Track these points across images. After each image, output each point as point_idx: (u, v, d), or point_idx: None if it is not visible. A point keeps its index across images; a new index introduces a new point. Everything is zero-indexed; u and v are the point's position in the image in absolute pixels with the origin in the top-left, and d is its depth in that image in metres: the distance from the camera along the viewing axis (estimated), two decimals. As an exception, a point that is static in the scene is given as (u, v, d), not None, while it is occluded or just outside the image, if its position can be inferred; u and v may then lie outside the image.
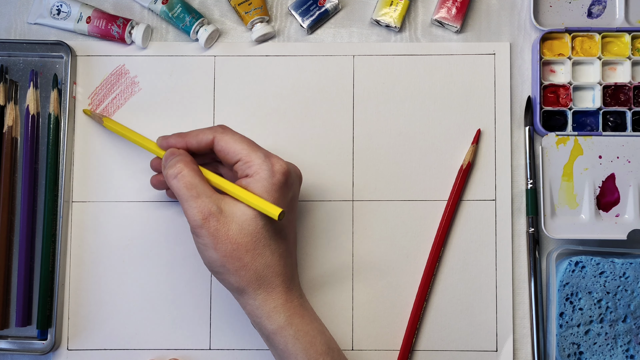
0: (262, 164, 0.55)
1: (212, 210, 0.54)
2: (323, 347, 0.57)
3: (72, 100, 0.68)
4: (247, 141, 0.57)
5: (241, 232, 0.54)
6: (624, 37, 0.68)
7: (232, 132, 0.58)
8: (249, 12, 0.67)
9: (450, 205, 0.66)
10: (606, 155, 0.66)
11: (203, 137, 0.58)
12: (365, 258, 0.67)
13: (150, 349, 0.66)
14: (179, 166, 0.56)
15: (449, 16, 0.68)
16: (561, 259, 0.65)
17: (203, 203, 0.54)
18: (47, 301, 0.65)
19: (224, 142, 0.57)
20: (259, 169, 0.55)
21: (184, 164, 0.56)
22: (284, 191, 0.56)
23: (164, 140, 0.60)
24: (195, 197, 0.54)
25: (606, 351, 0.64)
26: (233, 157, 0.57)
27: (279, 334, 0.56)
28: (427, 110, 0.68)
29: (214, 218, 0.54)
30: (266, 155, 0.56)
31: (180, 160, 0.56)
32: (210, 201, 0.54)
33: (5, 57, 0.69)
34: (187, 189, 0.55)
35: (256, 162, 0.56)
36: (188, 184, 0.55)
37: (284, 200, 0.56)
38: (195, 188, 0.55)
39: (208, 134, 0.58)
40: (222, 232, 0.54)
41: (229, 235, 0.54)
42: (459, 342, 0.66)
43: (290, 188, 0.57)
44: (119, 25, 0.67)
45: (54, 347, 0.66)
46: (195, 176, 0.56)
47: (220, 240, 0.54)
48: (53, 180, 0.66)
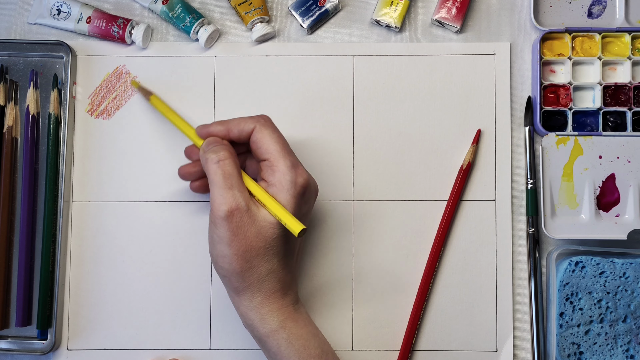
0: (286, 174, 0.55)
1: (240, 205, 0.54)
2: (316, 350, 0.57)
3: (72, 100, 0.68)
4: (281, 143, 0.57)
5: (258, 236, 0.54)
6: (624, 37, 0.68)
7: (272, 127, 0.58)
8: (249, 12, 0.67)
9: (450, 205, 0.66)
10: (606, 155, 0.66)
11: (245, 125, 0.58)
12: (365, 258, 0.67)
13: (150, 349, 0.66)
14: (223, 153, 0.56)
15: (449, 16, 0.68)
16: (561, 259, 0.65)
17: (234, 196, 0.54)
18: (47, 301, 0.65)
19: (261, 136, 0.57)
20: (282, 178, 0.55)
21: (229, 154, 0.56)
22: (300, 204, 0.56)
23: (204, 128, 0.60)
24: (229, 187, 0.54)
25: (606, 351, 0.64)
26: (263, 153, 0.56)
27: (272, 337, 0.56)
28: (427, 110, 0.68)
29: (239, 214, 0.54)
30: (293, 165, 0.56)
31: (225, 149, 0.56)
32: (241, 196, 0.54)
33: (5, 57, 0.69)
34: (224, 177, 0.55)
35: (281, 169, 0.55)
36: (226, 173, 0.55)
37: (298, 212, 0.56)
38: (231, 179, 0.55)
39: (250, 123, 0.57)
40: (242, 230, 0.54)
41: (247, 235, 0.54)
42: (459, 342, 0.66)
43: (306, 202, 0.57)
44: (119, 25, 0.67)
45: (54, 347, 0.66)
46: (235, 168, 0.56)
47: (238, 237, 0.54)
48: (53, 180, 0.66)
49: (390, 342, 0.66)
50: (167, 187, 0.67)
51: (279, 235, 0.55)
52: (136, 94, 0.68)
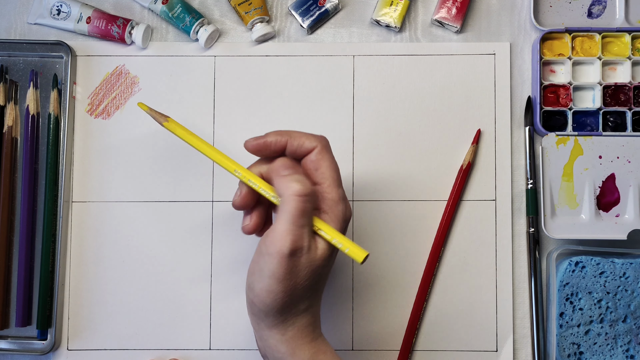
0: (339, 204, 0.53)
1: (305, 244, 0.51)
2: None
3: (72, 100, 0.68)
4: (338, 172, 0.54)
5: (308, 275, 0.52)
6: (624, 37, 0.68)
7: (330, 153, 0.55)
8: (249, 12, 0.67)
9: (450, 205, 0.66)
10: (606, 155, 0.66)
11: (307, 142, 0.54)
12: (365, 258, 0.67)
13: (150, 349, 0.66)
14: (308, 187, 0.51)
15: (449, 16, 0.68)
16: (561, 259, 0.65)
17: (301, 235, 0.51)
18: (47, 301, 0.65)
19: (321, 158, 0.54)
20: (335, 207, 0.53)
21: (311, 189, 0.51)
22: None
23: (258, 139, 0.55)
24: (301, 225, 0.51)
25: (606, 351, 0.64)
26: (319, 177, 0.54)
27: None
28: (427, 110, 0.68)
29: (301, 253, 0.51)
30: (344, 197, 0.54)
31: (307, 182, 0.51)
32: (307, 236, 0.51)
33: (5, 57, 0.69)
34: (301, 215, 0.50)
35: (335, 199, 0.53)
36: (305, 210, 0.51)
37: None
38: (306, 217, 0.51)
39: (312, 141, 0.54)
40: (297, 269, 0.51)
41: (300, 275, 0.51)
42: (459, 342, 0.66)
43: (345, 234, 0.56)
44: (119, 25, 0.67)
45: (53, 347, 0.66)
46: (313, 206, 0.52)
47: (291, 276, 0.51)
48: (53, 180, 0.66)
49: (390, 342, 0.66)
50: (167, 187, 0.67)
51: (325, 274, 0.54)
52: (136, 94, 0.68)
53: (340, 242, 0.52)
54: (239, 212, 0.57)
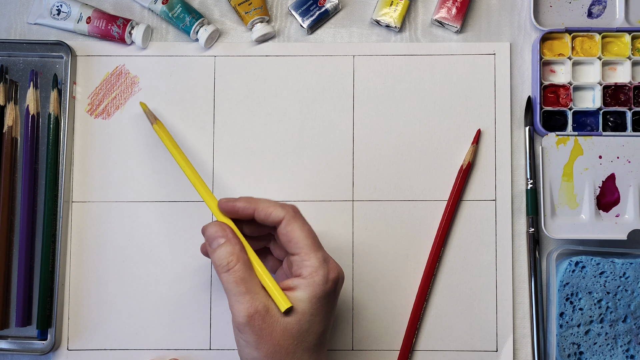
0: (319, 269, 0.53)
1: (259, 308, 0.52)
2: None
3: (72, 100, 0.68)
4: (312, 237, 0.55)
5: (284, 335, 0.52)
6: (624, 37, 0.68)
7: (301, 220, 0.55)
8: (249, 12, 0.67)
9: (450, 205, 0.66)
10: (606, 155, 0.66)
11: (274, 213, 0.55)
12: (365, 258, 0.67)
13: (150, 349, 0.66)
14: (231, 260, 0.53)
15: (449, 16, 0.68)
16: (561, 259, 0.65)
17: (251, 300, 0.52)
18: (47, 301, 0.65)
19: (291, 229, 0.54)
20: (314, 273, 0.53)
21: (236, 258, 0.53)
22: (331, 299, 0.54)
23: (229, 202, 0.57)
24: (243, 293, 0.52)
25: (606, 351, 0.64)
26: (293, 248, 0.54)
27: None
28: (427, 110, 0.68)
29: (260, 317, 0.51)
30: (324, 259, 0.54)
31: (232, 252, 0.53)
32: (258, 298, 0.52)
33: (5, 57, 0.69)
34: (237, 284, 0.52)
35: (314, 264, 0.53)
36: (238, 279, 0.52)
37: (328, 306, 0.54)
38: (244, 283, 0.52)
39: (279, 212, 0.55)
40: (267, 332, 0.52)
41: (273, 336, 0.52)
42: (459, 342, 0.66)
43: (337, 296, 0.55)
44: (119, 25, 0.67)
45: (54, 347, 0.66)
46: (246, 270, 0.53)
47: (264, 340, 0.52)
48: (53, 180, 0.66)
49: (390, 342, 0.66)
50: (167, 187, 0.67)
51: (305, 330, 0.53)
52: (136, 94, 0.68)
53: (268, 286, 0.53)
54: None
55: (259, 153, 0.68)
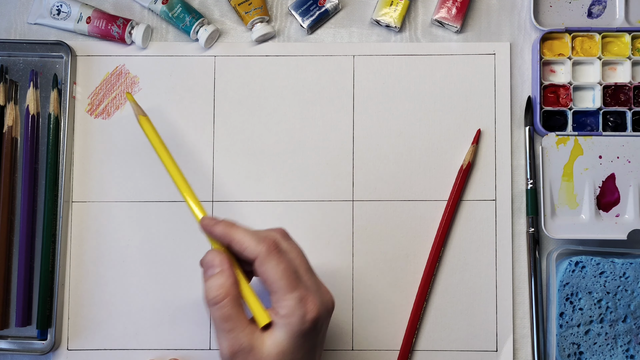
0: (295, 309, 0.52)
1: (243, 346, 0.51)
2: None
3: (72, 100, 0.68)
4: (289, 275, 0.52)
5: None
6: (624, 37, 0.68)
7: (277, 258, 0.53)
8: (249, 12, 0.67)
9: (450, 205, 0.66)
10: (606, 155, 0.66)
11: (247, 251, 0.53)
12: (365, 258, 0.67)
13: (150, 349, 0.66)
14: (220, 293, 0.52)
15: (449, 16, 0.68)
16: (561, 259, 0.65)
17: (235, 338, 0.51)
18: (47, 301, 0.65)
19: (265, 270, 0.52)
20: (290, 314, 0.52)
21: (225, 292, 0.52)
22: (311, 336, 0.53)
23: (210, 223, 0.55)
24: (228, 330, 0.52)
25: (606, 351, 0.64)
26: (269, 287, 0.53)
27: None
28: (427, 110, 0.68)
29: (243, 355, 0.51)
30: (301, 299, 0.52)
31: (223, 285, 0.53)
32: (243, 335, 0.51)
33: (5, 57, 0.69)
34: (223, 321, 0.52)
35: (290, 304, 0.52)
36: (225, 316, 0.52)
37: (310, 343, 0.53)
38: (231, 320, 0.52)
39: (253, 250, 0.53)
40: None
41: None
42: (459, 342, 0.66)
43: (318, 332, 0.54)
44: (119, 25, 0.67)
45: (53, 347, 0.66)
46: (234, 306, 0.52)
47: None
48: (53, 180, 0.66)
49: (390, 342, 0.66)
50: (167, 187, 0.67)
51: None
52: (136, 94, 0.68)
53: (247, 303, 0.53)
54: (240, 212, 0.58)
55: (259, 153, 0.68)
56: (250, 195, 0.67)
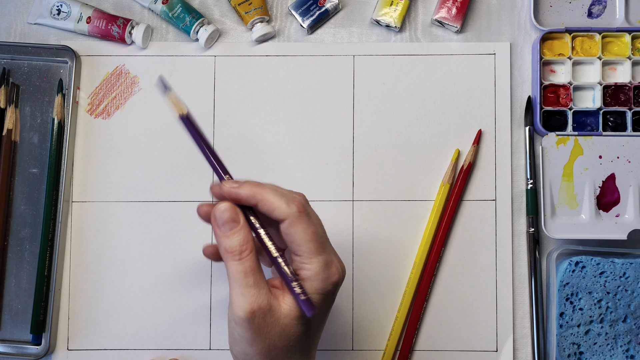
0: (320, 273, 0.51)
1: (263, 305, 0.49)
2: None
3: (75, 105, 0.68)
4: (316, 240, 0.51)
5: (281, 335, 0.51)
6: (624, 37, 0.68)
7: (306, 220, 0.51)
8: (249, 12, 0.67)
9: (450, 206, 0.66)
10: (606, 155, 0.66)
11: (276, 211, 0.51)
12: (365, 258, 0.67)
13: (150, 349, 0.66)
14: (245, 248, 0.50)
15: (449, 16, 0.68)
16: (561, 259, 0.65)
17: (256, 295, 0.49)
18: (40, 306, 0.65)
19: (294, 231, 0.51)
20: (314, 277, 0.51)
21: (250, 247, 0.50)
22: (330, 301, 0.53)
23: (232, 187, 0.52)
24: (250, 285, 0.49)
25: (606, 351, 0.64)
26: (295, 249, 0.51)
27: None
28: (427, 110, 0.68)
29: (261, 314, 0.49)
30: (326, 264, 0.51)
31: (247, 240, 0.51)
32: (264, 293, 0.50)
33: (9, 60, 0.68)
34: (245, 276, 0.50)
35: (314, 269, 0.51)
36: (248, 270, 0.50)
37: (326, 308, 0.53)
38: (253, 275, 0.50)
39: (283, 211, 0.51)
40: (265, 330, 0.50)
41: (270, 335, 0.50)
42: (459, 342, 0.66)
43: (335, 297, 0.54)
44: (119, 25, 0.67)
45: (48, 351, 0.65)
46: (256, 261, 0.50)
47: (260, 337, 0.50)
48: (53, 184, 0.66)
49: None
50: (167, 187, 0.67)
51: (302, 332, 0.52)
52: (136, 94, 0.68)
53: None
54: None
55: (259, 153, 0.68)
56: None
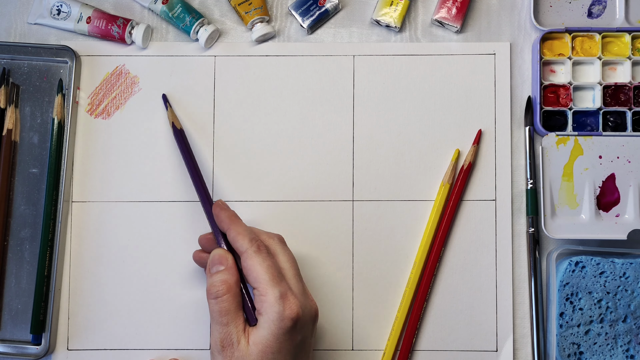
0: (274, 305, 0.54)
1: (232, 340, 0.54)
2: None
3: (75, 105, 0.68)
4: (272, 271, 0.55)
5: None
6: (624, 37, 0.68)
7: (265, 255, 0.56)
8: (249, 12, 0.67)
9: (450, 206, 0.66)
10: (606, 155, 0.66)
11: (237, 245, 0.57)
12: (365, 258, 0.67)
13: (150, 349, 0.66)
14: (222, 288, 0.55)
15: (449, 16, 0.68)
16: (561, 259, 0.65)
17: (228, 332, 0.54)
18: (40, 306, 0.65)
19: (251, 264, 0.55)
20: (269, 310, 0.54)
21: (227, 288, 0.56)
22: (291, 335, 0.54)
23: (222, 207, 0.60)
24: (224, 324, 0.55)
25: (606, 351, 0.64)
26: (252, 282, 0.55)
27: None
28: (427, 110, 0.68)
29: (231, 349, 0.54)
30: (281, 296, 0.54)
31: (226, 281, 0.56)
32: (235, 331, 0.54)
33: (9, 60, 0.68)
34: (220, 315, 0.55)
35: (269, 300, 0.54)
36: (223, 310, 0.55)
37: (290, 343, 0.55)
38: (228, 315, 0.55)
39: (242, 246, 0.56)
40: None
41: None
42: (459, 342, 0.66)
43: (299, 332, 0.55)
44: (119, 25, 0.67)
45: (48, 351, 0.65)
46: (233, 302, 0.55)
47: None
48: (53, 184, 0.66)
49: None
50: (167, 187, 0.67)
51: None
52: (136, 94, 0.68)
53: None
54: (240, 212, 0.60)
55: (259, 153, 0.68)
56: (250, 195, 0.67)
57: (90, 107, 0.68)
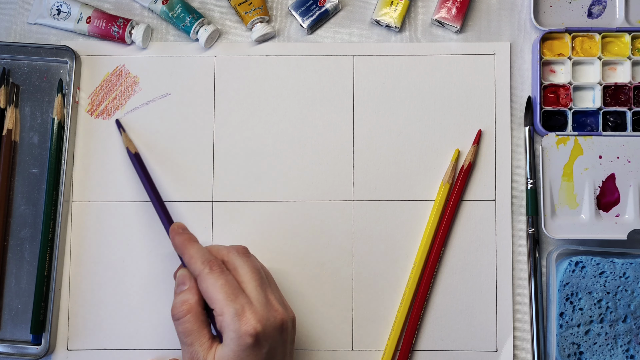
0: (230, 324, 0.54)
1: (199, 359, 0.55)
2: None
3: (75, 105, 0.68)
4: (226, 289, 0.55)
5: None
6: (624, 37, 0.68)
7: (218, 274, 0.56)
8: (249, 12, 0.67)
9: (450, 205, 0.66)
10: (606, 155, 0.66)
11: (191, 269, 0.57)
12: (365, 258, 0.67)
13: (150, 349, 0.66)
14: (183, 309, 0.56)
15: (449, 16, 0.68)
16: (561, 259, 0.65)
17: (194, 352, 0.55)
18: (40, 306, 0.65)
19: (205, 286, 0.56)
20: (227, 329, 0.54)
21: (188, 308, 0.56)
22: (254, 350, 0.54)
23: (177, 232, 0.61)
24: (189, 344, 0.55)
25: (606, 351, 0.64)
26: (210, 303, 0.55)
27: None
28: (427, 110, 0.68)
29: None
30: (237, 313, 0.54)
31: (186, 301, 0.56)
32: (201, 350, 0.55)
33: (9, 60, 0.68)
34: (184, 335, 0.56)
35: (226, 320, 0.54)
36: (186, 331, 0.56)
37: (254, 357, 0.54)
38: (191, 335, 0.55)
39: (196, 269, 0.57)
40: None
41: None
42: (459, 342, 0.66)
43: (263, 345, 0.55)
44: (119, 25, 0.67)
45: (48, 351, 0.65)
46: (195, 322, 0.56)
47: None
48: (53, 184, 0.66)
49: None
50: (167, 187, 0.67)
51: None
52: (136, 94, 0.68)
53: None
54: (240, 212, 0.59)
55: (259, 153, 0.68)
56: (250, 195, 0.67)
57: (91, 107, 0.68)
